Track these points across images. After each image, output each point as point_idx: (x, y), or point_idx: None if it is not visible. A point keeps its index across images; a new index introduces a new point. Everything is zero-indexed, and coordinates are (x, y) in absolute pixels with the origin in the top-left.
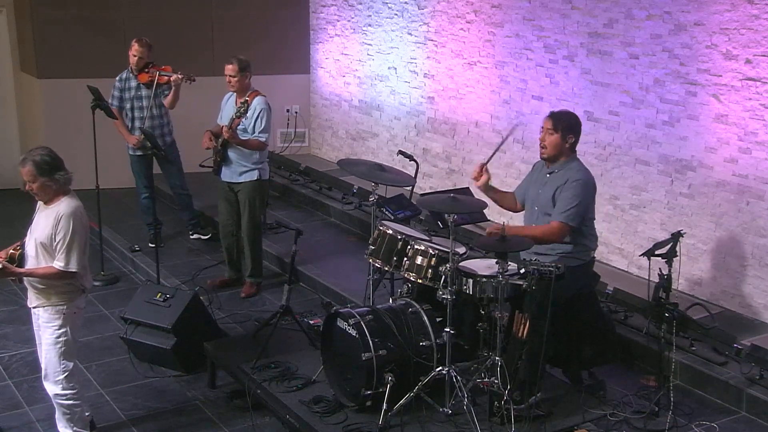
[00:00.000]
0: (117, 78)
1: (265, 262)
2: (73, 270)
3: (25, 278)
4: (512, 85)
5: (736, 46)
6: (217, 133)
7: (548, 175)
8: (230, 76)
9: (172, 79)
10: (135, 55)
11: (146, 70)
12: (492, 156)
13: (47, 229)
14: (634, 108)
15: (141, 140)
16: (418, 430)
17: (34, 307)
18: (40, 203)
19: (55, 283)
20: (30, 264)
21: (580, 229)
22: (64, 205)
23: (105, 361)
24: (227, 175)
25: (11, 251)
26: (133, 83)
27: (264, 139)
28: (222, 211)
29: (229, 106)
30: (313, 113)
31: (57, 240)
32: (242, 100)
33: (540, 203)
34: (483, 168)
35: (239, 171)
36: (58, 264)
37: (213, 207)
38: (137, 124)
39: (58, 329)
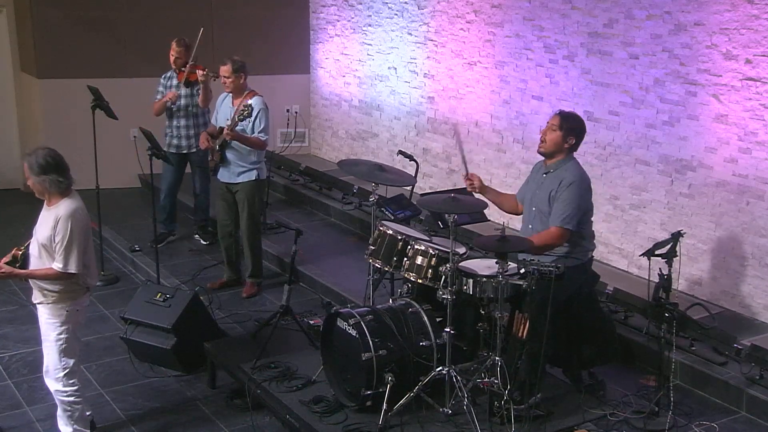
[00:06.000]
0: (162, 76)
1: (265, 262)
2: (72, 271)
3: None
4: (512, 85)
5: (736, 46)
6: (213, 133)
7: (544, 176)
8: (224, 77)
9: (199, 76)
10: (173, 55)
11: (183, 69)
12: (465, 163)
13: (47, 231)
14: (634, 108)
15: (177, 94)
16: (418, 430)
17: (37, 303)
18: (44, 203)
19: (58, 283)
20: (33, 264)
21: (579, 230)
22: (62, 207)
23: (105, 361)
24: (225, 175)
25: (15, 251)
26: (174, 81)
27: (264, 138)
28: (220, 211)
29: (225, 107)
30: (313, 113)
31: (56, 242)
32: (246, 104)
33: (536, 204)
34: (468, 176)
35: (237, 171)
36: (57, 265)
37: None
38: (174, 122)
39: (60, 326)
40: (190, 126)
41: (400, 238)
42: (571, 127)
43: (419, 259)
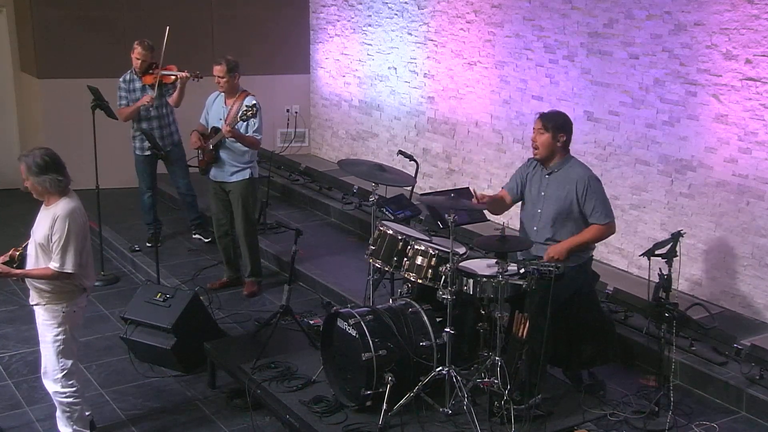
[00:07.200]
0: (121, 79)
1: (264, 261)
2: (69, 271)
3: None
4: (512, 85)
5: (736, 46)
6: (205, 133)
7: (547, 176)
8: (219, 77)
9: (179, 77)
10: (138, 58)
11: (150, 71)
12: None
13: (45, 231)
14: (634, 108)
15: (154, 98)
16: (418, 430)
17: (34, 305)
18: (42, 204)
19: (53, 283)
20: (30, 264)
21: (580, 228)
22: (60, 207)
23: (105, 361)
24: (218, 175)
25: (12, 251)
26: (138, 84)
27: (259, 138)
28: (215, 210)
29: (216, 106)
30: (313, 113)
31: (53, 241)
32: (249, 104)
33: (546, 205)
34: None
35: (231, 171)
36: (54, 265)
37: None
38: (144, 125)
39: (57, 327)
40: (163, 126)
41: (400, 238)
42: (556, 125)
43: (419, 259)
